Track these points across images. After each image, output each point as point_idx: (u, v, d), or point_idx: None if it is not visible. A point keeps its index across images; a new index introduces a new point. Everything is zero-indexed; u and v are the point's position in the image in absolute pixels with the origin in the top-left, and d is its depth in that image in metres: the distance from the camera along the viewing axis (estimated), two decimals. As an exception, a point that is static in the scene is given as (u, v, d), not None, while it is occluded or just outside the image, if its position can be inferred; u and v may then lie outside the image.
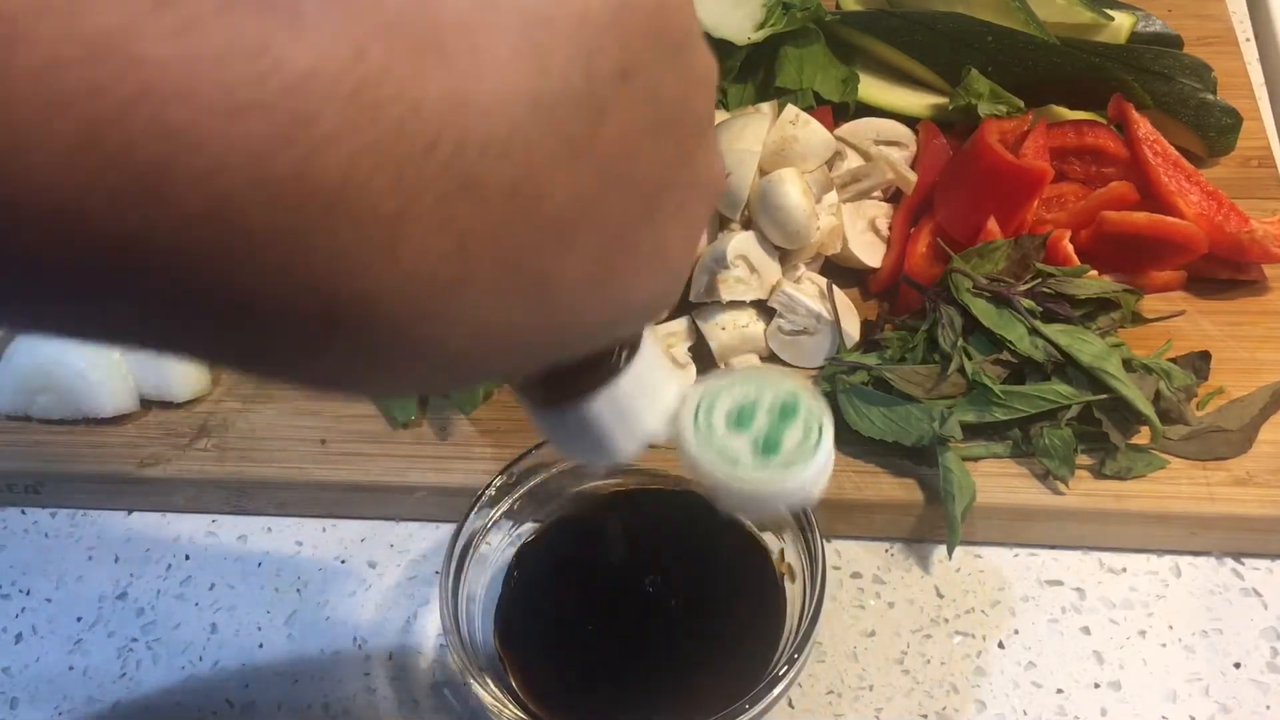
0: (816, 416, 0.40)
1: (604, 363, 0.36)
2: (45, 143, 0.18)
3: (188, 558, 0.65)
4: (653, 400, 0.38)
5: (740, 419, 0.40)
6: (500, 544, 0.59)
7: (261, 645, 0.61)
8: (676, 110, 0.27)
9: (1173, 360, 0.64)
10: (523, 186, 0.23)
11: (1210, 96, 0.74)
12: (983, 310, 0.63)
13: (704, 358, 0.67)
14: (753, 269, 0.66)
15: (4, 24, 0.17)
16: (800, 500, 0.40)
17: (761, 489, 0.39)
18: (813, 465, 0.39)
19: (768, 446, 0.39)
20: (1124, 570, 0.61)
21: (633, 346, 0.37)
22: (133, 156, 0.18)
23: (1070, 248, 0.67)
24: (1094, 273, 0.66)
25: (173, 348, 0.24)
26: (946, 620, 0.60)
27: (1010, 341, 0.62)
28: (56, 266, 0.19)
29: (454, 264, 0.23)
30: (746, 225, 0.68)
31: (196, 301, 0.21)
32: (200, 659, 0.61)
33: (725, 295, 0.66)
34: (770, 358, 0.68)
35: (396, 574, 0.63)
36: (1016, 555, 0.62)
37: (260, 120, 0.19)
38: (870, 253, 0.70)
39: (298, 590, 0.63)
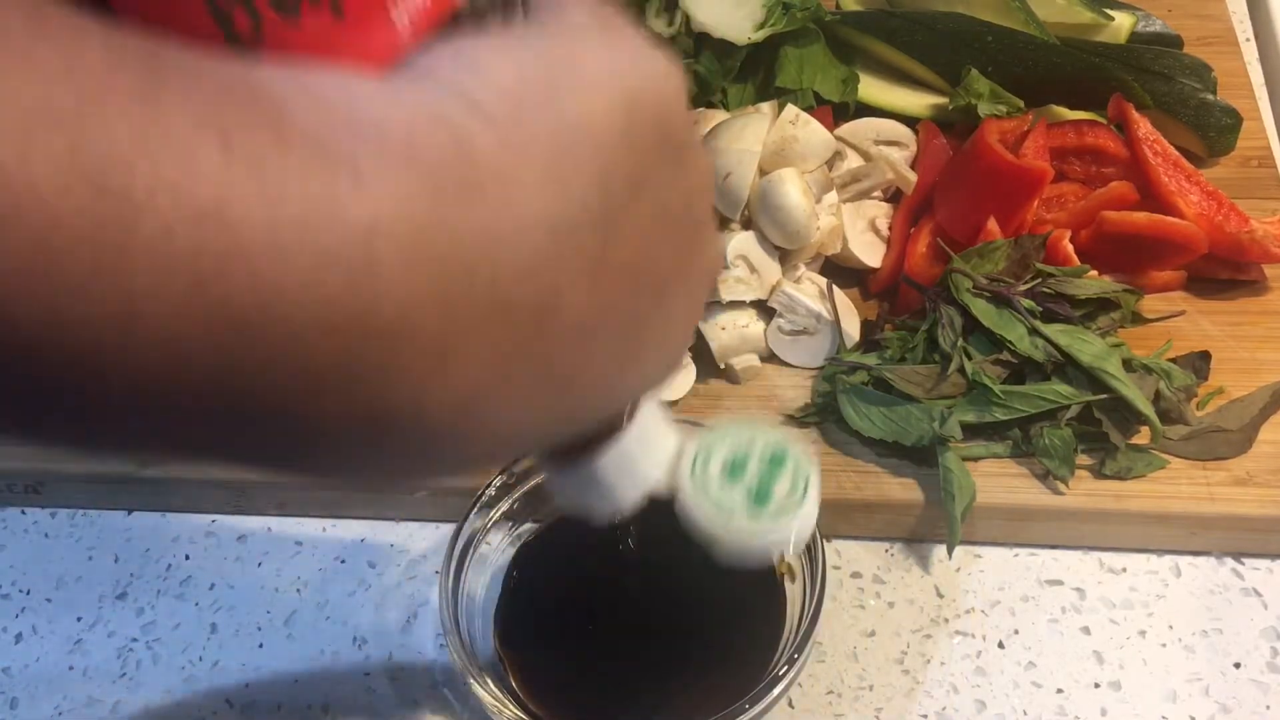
0: (804, 466, 0.43)
1: (611, 424, 0.38)
2: (160, 295, 0.21)
3: (188, 558, 0.65)
4: (654, 452, 0.41)
5: (734, 469, 0.43)
6: (500, 544, 0.59)
7: (261, 645, 0.61)
8: (681, 212, 0.29)
9: (1173, 360, 0.64)
10: (547, 303, 0.26)
11: (1210, 96, 0.74)
12: (983, 310, 0.63)
13: (704, 358, 0.67)
14: (753, 269, 0.66)
15: (131, 200, 0.20)
16: (786, 547, 0.43)
17: (753, 540, 0.42)
18: (801, 515, 0.42)
19: (760, 496, 0.42)
20: (1124, 570, 0.61)
21: (635, 405, 0.39)
22: (230, 305, 0.21)
23: (1070, 248, 0.67)
24: (1094, 273, 0.66)
25: (244, 463, 0.26)
26: (946, 620, 0.60)
27: (1010, 341, 0.62)
28: (161, 402, 0.22)
29: (493, 374, 0.25)
30: (746, 225, 0.68)
31: (275, 425, 0.24)
32: (200, 659, 0.61)
33: (725, 295, 0.66)
34: (770, 358, 0.68)
35: (396, 574, 0.63)
36: (1016, 555, 0.62)
37: (333, 271, 0.22)
38: (870, 253, 0.70)
39: (298, 590, 0.63)
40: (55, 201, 0.20)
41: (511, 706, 0.52)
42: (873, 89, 0.78)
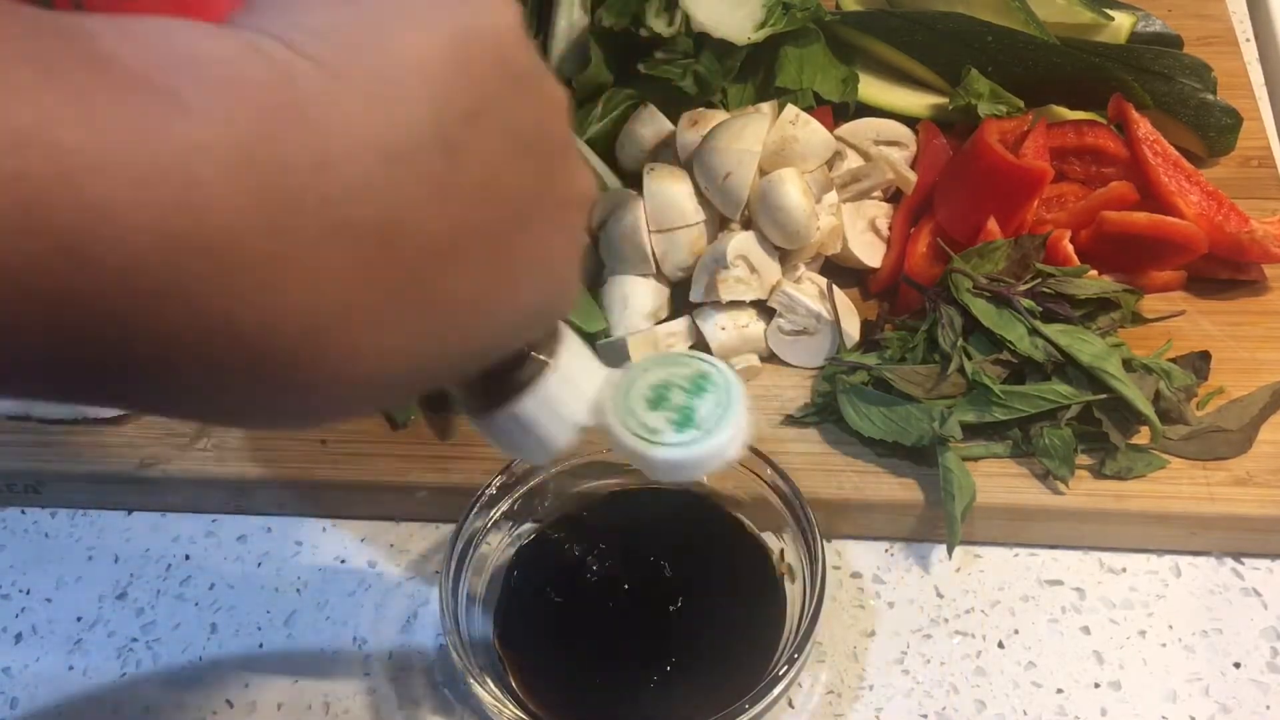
0: (728, 386, 0.44)
1: (525, 364, 0.39)
2: None
3: (188, 558, 0.65)
4: (579, 392, 0.41)
5: (658, 400, 0.44)
6: (500, 544, 0.59)
7: (261, 645, 0.61)
8: (531, 136, 0.31)
9: (1173, 360, 0.64)
10: (389, 222, 0.27)
11: (1210, 96, 0.74)
12: (983, 310, 0.63)
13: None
14: (753, 269, 0.66)
15: None
16: (720, 463, 0.44)
17: (682, 456, 0.43)
18: (727, 429, 0.43)
19: (684, 419, 0.43)
20: (1124, 570, 0.61)
21: (550, 346, 0.40)
22: (55, 227, 0.22)
23: (1070, 248, 0.67)
24: (1094, 273, 0.66)
25: (95, 398, 0.27)
26: (946, 620, 0.60)
27: (1010, 341, 0.62)
28: (8, 338, 0.23)
29: (338, 294, 0.26)
30: (746, 225, 0.68)
31: (117, 350, 0.24)
32: (200, 659, 0.61)
33: (725, 295, 0.66)
34: (770, 358, 0.68)
35: (396, 574, 0.63)
36: (1016, 555, 0.62)
37: (158, 188, 0.23)
38: (870, 253, 0.70)
39: (298, 590, 0.63)
40: None
41: (511, 706, 0.52)
42: (873, 89, 0.78)
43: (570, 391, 0.40)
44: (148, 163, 0.23)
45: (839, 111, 0.75)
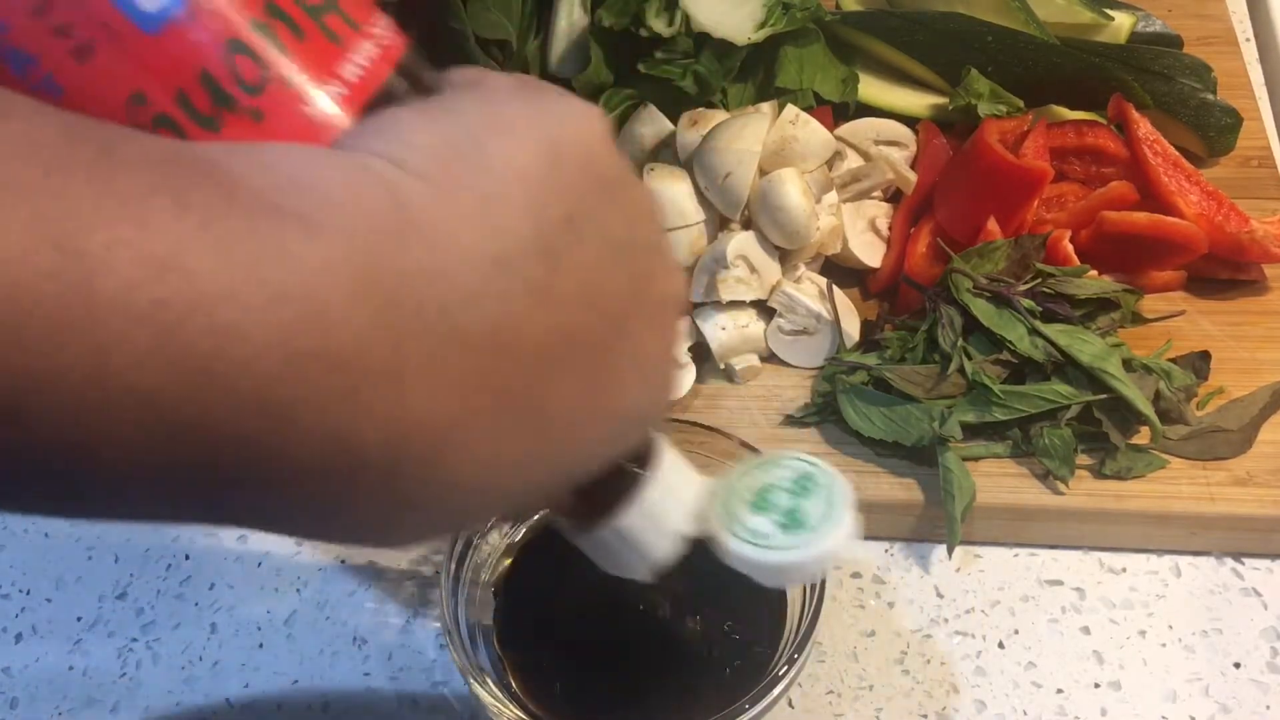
0: (832, 484, 0.43)
1: (625, 477, 0.39)
2: (127, 349, 0.22)
3: (188, 558, 0.65)
4: (680, 503, 0.41)
5: (761, 504, 0.43)
6: (500, 544, 0.59)
7: (261, 645, 0.61)
8: (624, 239, 0.31)
9: (1173, 360, 0.64)
10: (500, 329, 0.27)
11: (1210, 96, 0.74)
12: (983, 310, 0.63)
13: (704, 358, 0.67)
14: (753, 269, 0.66)
15: (90, 257, 0.22)
16: (832, 564, 0.43)
17: (794, 559, 0.41)
18: (841, 529, 0.42)
19: (791, 522, 0.42)
20: (1124, 570, 0.61)
21: (650, 457, 0.40)
22: (191, 351, 0.23)
23: (1070, 248, 0.67)
24: (1094, 273, 0.66)
25: (219, 518, 0.27)
26: (946, 620, 0.60)
27: (1010, 341, 0.62)
28: (135, 452, 0.23)
29: (456, 402, 0.27)
30: (746, 225, 0.68)
31: (246, 468, 0.25)
32: (200, 659, 0.61)
33: (725, 295, 0.66)
34: (770, 358, 0.68)
35: (396, 574, 0.63)
36: (1016, 555, 0.62)
37: (287, 310, 0.24)
38: (870, 253, 0.70)
39: (298, 590, 0.63)
40: (20, 265, 0.21)
41: (511, 706, 0.52)
42: (873, 89, 0.78)
43: (672, 502, 0.40)
44: (276, 285, 0.24)
45: (839, 111, 0.75)
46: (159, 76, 0.27)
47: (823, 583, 0.53)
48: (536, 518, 0.60)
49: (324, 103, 0.29)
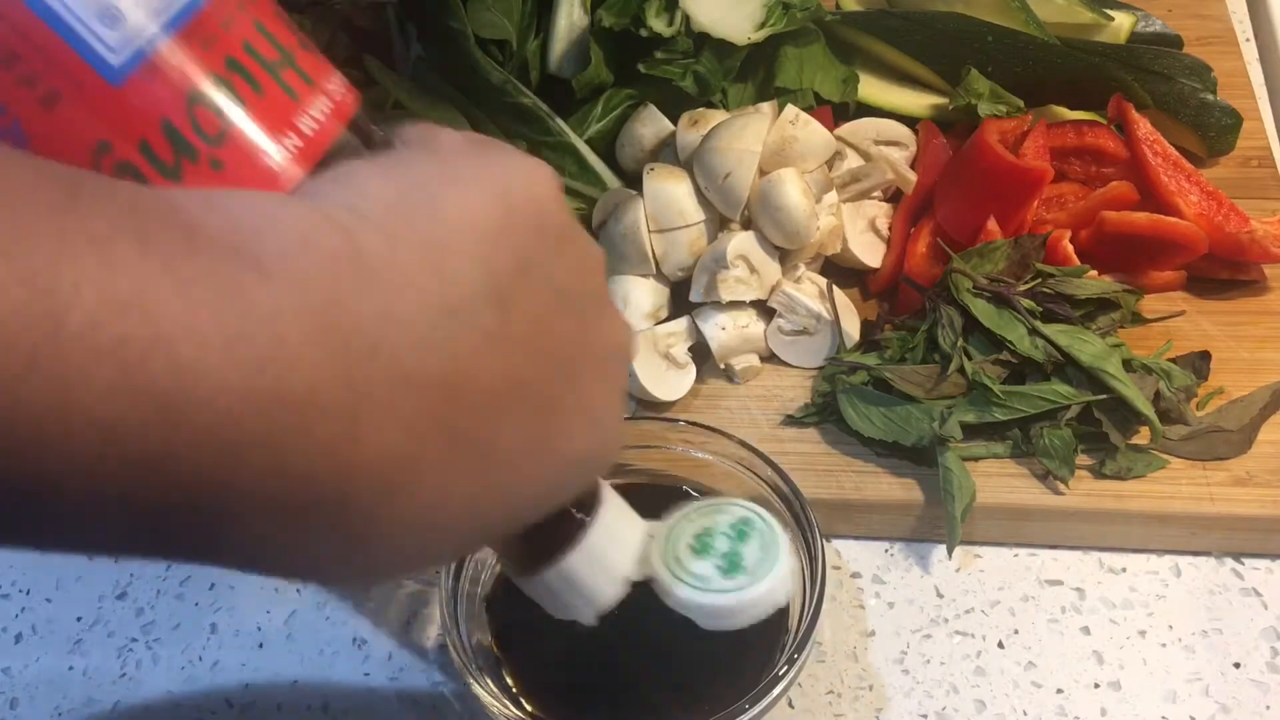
0: (772, 532, 0.45)
1: (568, 521, 0.40)
2: (91, 383, 0.23)
3: (188, 558, 0.65)
4: (623, 547, 0.43)
5: (702, 548, 0.45)
6: (500, 544, 0.59)
7: (261, 645, 0.61)
8: (572, 290, 0.33)
9: (1173, 360, 0.64)
10: (452, 373, 0.28)
11: (1210, 96, 0.74)
12: (983, 310, 0.63)
13: (704, 357, 0.67)
14: (753, 269, 0.66)
15: (59, 294, 0.23)
16: (770, 608, 0.45)
17: (732, 603, 0.44)
18: (776, 574, 0.44)
19: (731, 565, 0.44)
20: (1124, 570, 0.61)
21: (592, 502, 0.41)
22: (152, 388, 0.24)
23: (1070, 248, 0.67)
24: (1094, 273, 0.66)
25: (177, 553, 0.28)
26: (946, 620, 0.60)
27: (1010, 341, 0.62)
28: (96, 482, 0.24)
29: (407, 443, 0.28)
30: (746, 225, 0.68)
31: (203, 501, 0.25)
32: (200, 659, 0.61)
33: (725, 295, 0.66)
34: (770, 358, 0.68)
35: (396, 574, 0.63)
36: (1016, 555, 0.62)
37: (245, 349, 0.25)
38: (870, 253, 0.70)
39: (298, 590, 0.63)
40: None
41: (511, 707, 0.52)
42: (873, 89, 0.78)
43: (615, 546, 0.42)
44: (235, 326, 0.25)
45: (839, 111, 0.75)
46: (123, 126, 0.28)
47: (823, 583, 0.53)
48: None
49: (280, 155, 0.30)
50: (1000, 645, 0.59)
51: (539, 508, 0.35)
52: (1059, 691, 0.57)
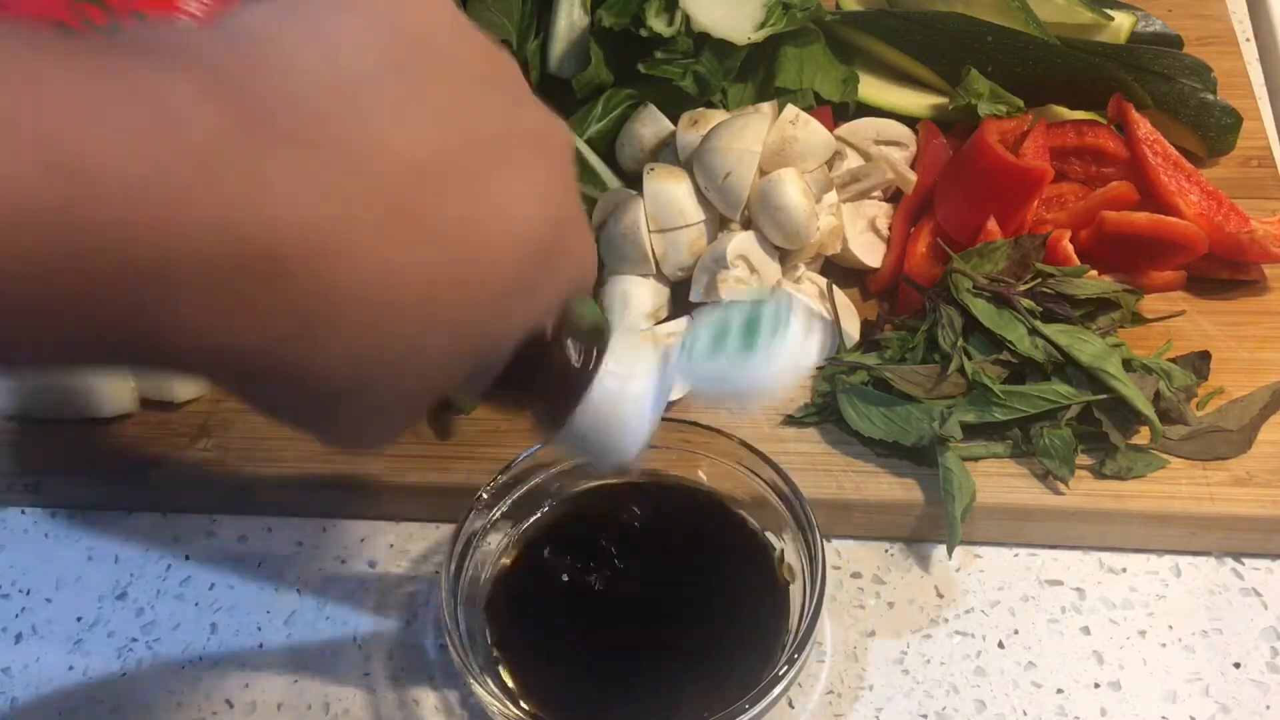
0: (784, 311, 0.44)
1: (578, 374, 0.41)
2: (3, 161, 0.25)
3: (187, 558, 0.65)
4: (639, 377, 0.43)
5: (716, 343, 0.44)
6: (500, 544, 0.59)
7: (261, 645, 0.61)
8: (486, 75, 0.34)
9: (1173, 360, 0.64)
10: (362, 140, 0.30)
11: (1210, 96, 0.74)
12: (983, 310, 0.63)
13: (704, 358, 0.67)
14: (753, 269, 0.66)
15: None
16: (789, 380, 0.44)
17: (755, 381, 0.43)
18: (788, 343, 0.43)
19: (746, 346, 0.44)
20: (1124, 570, 0.61)
21: (598, 348, 0.42)
22: (64, 163, 0.26)
23: (1070, 248, 0.67)
24: (1094, 273, 0.66)
25: (121, 348, 0.29)
26: (946, 620, 0.60)
27: (1010, 341, 0.62)
28: (21, 265, 0.26)
29: (331, 207, 0.29)
30: (746, 225, 0.68)
31: (126, 267, 0.27)
32: (200, 659, 0.61)
33: (725, 295, 0.66)
34: (770, 358, 0.68)
35: (396, 574, 0.63)
36: (1016, 555, 0.62)
37: (137, 108, 0.27)
38: (870, 253, 0.70)
39: (298, 590, 0.63)
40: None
41: (511, 707, 0.52)
42: (873, 89, 0.78)
43: (630, 381, 0.42)
44: (131, 95, 0.27)
45: (839, 111, 0.75)
46: None
47: (823, 583, 0.53)
48: (536, 516, 0.60)
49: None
50: (1000, 645, 0.59)
51: (506, 304, 0.35)
52: (1059, 691, 0.57)
